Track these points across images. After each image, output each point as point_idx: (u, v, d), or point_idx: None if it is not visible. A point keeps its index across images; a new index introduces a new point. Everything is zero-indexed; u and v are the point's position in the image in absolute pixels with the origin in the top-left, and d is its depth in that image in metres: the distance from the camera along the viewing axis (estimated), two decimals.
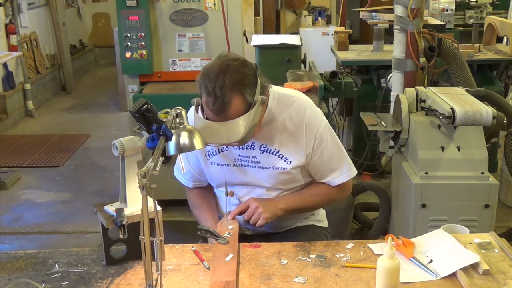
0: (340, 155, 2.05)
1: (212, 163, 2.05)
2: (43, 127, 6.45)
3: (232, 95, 1.75)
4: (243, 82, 1.77)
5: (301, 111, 1.98)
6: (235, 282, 1.65)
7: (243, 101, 1.77)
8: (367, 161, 4.41)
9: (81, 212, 4.20)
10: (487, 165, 2.80)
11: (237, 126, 1.76)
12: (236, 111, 1.77)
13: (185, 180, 2.17)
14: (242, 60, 1.83)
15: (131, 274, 1.73)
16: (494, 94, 3.27)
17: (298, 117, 1.97)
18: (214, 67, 1.77)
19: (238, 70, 1.77)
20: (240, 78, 1.76)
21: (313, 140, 1.97)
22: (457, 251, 1.76)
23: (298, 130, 1.97)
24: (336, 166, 2.04)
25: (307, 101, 2.03)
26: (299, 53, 4.84)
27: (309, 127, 1.97)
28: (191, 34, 4.08)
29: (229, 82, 1.74)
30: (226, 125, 1.77)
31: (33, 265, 1.80)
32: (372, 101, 4.42)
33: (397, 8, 3.54)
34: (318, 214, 2.24)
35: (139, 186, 1.45)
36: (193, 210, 2.17)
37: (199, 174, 2.13)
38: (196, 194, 2.18)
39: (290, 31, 8.12)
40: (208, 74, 1.76)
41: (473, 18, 6.93)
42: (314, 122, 1.99)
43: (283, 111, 1.97)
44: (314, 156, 1.99)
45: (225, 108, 1.75)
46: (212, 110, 1.77)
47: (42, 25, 7.66)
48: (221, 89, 1.73)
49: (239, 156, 2.00)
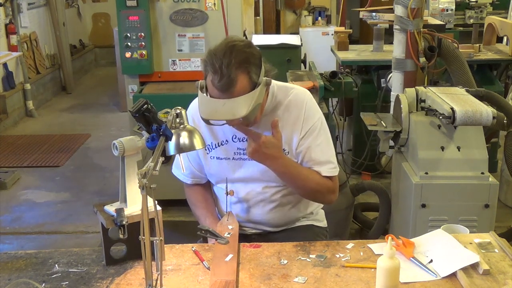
0: (328, 150, 2.04)
1: (212, 157, 2.06)
2: (43, 127, 6.45)
3: (238, 73, 1.77)
4: (249, 60, 1.80)
5: (300, 102, 2.01)
6: (235, 282, 1.65)
7: (249, 80, 1.80)
8: (367, 161, 4.41)
9: (81, 212, 4.20)
10: (487, 165, 2.80)
11: (242, 103, 1.78)
12: (242, 88, 1.78)
13: (184, 176, 2.17)
14: (247, 41, 1.89)
15: (131, 274, 1.73)
16: (494, 94, 3.27)
17: (297, 108, 1.99)
18: (221, 47, 1.81)
19: (244, 50, 1.81)
20: (246, 57, 1.80)
21: (306, 129, 1.99)
22: (457, 251, 1.76)
23: (296, 121, 1.99)
24: (322, 158, 2.02)
25: (305, 93, 2.07)
26: (299, 53, 4.84)
27: (306, 117, 1.99)
28: (191, 34, 4.08)
29: (235, 60, 1.77)
30: (231, 102, 1.78)
31: (33, 265, 1.80)
32: (372, 101, 4.42)
33: (397, 8, 3.54)
34: (317, 214, 2.24)
35: (139, 186, 1.45)
36: (192, 207, 2.18)
37: (199, 170, 2.13)
38: (195, 192, 2.18)
39: (290, 31, 8.13)
40: (215, 53, 1.79)
41: (473, 18, 6.93)
42: (312, 113, 2.01)
43: (282, 103, 2.00)
44: (304, 143, 1.99)
45: (231, 85, 1.77)
46: (218, 87, 1.78)
47: (42, 25, 7.66)
48: (227, 66, 1.76)
49: (239, 149, 2.02)
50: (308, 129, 1.99)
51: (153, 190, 1.47)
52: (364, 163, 4.43)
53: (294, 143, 2.00)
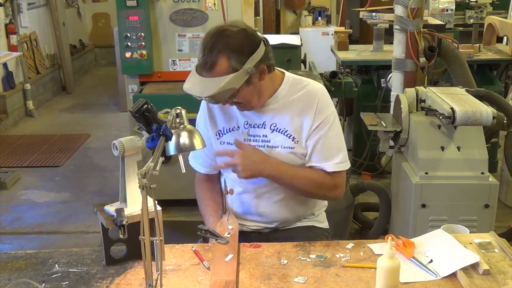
0: (340, 143, 2.07)
1: (222, 142, 2.08)
2: (43, 127, 6.45)
3: (218, 56, 1.83)
4: (233, 48, 1.84)
5: (314, 94, 2.03)
6: (235, 282, 1.65)
7: (228, 66, 1.84)
8: (367, 161, 4.42)
9: (81, 212, 4.21)
10: (487, 165, 2.80)
11: (213, 84, 1.83)
12: (220, 72, 1.84)
13: (198, 165, 2.19)
14: (242, 29, 1.90)
15: (131, 274, 1.73)
16: (494, 94, 3.27)
17: (311, 100, 2.02)
18: (213, 29, 1.89)
19: (233, 36, 1.86)
20: (231, 43, 1.85)
21: (319, 121, 2.01)
22: (457, 251, 1.76)
23: (309, 111, 2.01)
24: (334, 153, 2.04)
25: (320, 86, 2.09)
26: (299, 53, 4.84)
27: (319, 109, 2.01)
28: (191, 34, 4.07)
29: (219, 45, 1.83)
30: (205, 80, 1.86)
31: (33, 265, 1.80)
32: (372, 101, 4.42)
33: (397, 8, 3.54)
34: (319, 215, 2.24)
35: (139, 186, 1.45)
36: (199, 204, 2.20)
37: (211, 158, 2.15)
38: (204, 188, 2.20)
39: (290, 31, 8.12)
40: (207, 35, 1.88)
41: (473, 18, 6.94)
42: (326, 105, 2.03)
43: (296, 92, 2.03)
44: (315, 135, 2.01)
45: (211, 66, 1.84)
46: (199, 65, 1.88)
47: (42, 25, 7.66)
48: (210, 48, 1.83)
49: (249, 136, 2.04)
50: (321, 121, 2.01)
51: (153, 190, 1.47)
52: (364, 163, 4.43)
53: (304, 132, 2.01)
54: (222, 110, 2.08)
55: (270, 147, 2.02)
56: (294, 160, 2.03)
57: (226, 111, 2.07)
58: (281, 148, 2.02)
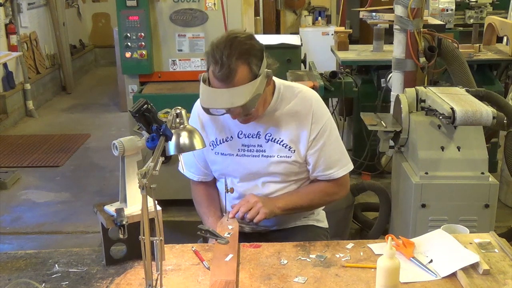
0: (340, 148, 2.09)
1: (216, 152, 2.07)
2: (43, 127, 6.44)
3: (238, 63, 1.80)
4: (250, 52, 1.83)
5: (308, 102, 2.03)
6: (235, 282, 1.65)
7: (249, 70, 1.82)
8: (367, 161, 4.41)
9: (81, 212, 4.20)
10: (487, 165, 2.80)
11: (241, 92, 1.81)
12: (242, 78, 1.81)
13: (191, 173, 2.19)
14: (249, 34, 1.91)
15: (131, 274, 1.73)
16: (494, 94, 3.27)
17: (305, 108, 2.01)
18: (222, 39, 1.85)
19: (245, 42, 1.85)
20: (246, 48, 1.83)
21: (317, 130, 2.01)
22: (457, 251, 1.76)
23: (304, 120, 2.00)
24: (337, 158, 2.06)
25: (313, 93, 2.09)
26: (299, 53, 4.84)
27: (315, 118, 2.01)
28: (191, 34, 4.07)
29: (235, 51, 1.80)
30: (231, 91, 1.82)
31: (33, 265, 1.80)
32: (372, 101, 4.42)
33: (397, 8, 3.54)
34: (318, 214, 2.25)
35: (139, 186, 1.45)
36: (197, 206, 2.19)
37: (204, 167, 2.15)
38: (201, 191, 2.19)
39: (290, 31, 8.12)
40: (217, 45, 1.83)
41: (473, 18, 6.94)
42: (321, 113, 2.03)
43: (289, 101, 2.02)
44: (316, 144, 2.01)
45: (231, 74, 1.80)
46: (218, 76, 1.81)
47: (42, 25, 7.66)
48: (228, 57, 1.79)
49: (243, 146, 2.03)
50: (319, 130, 2.01)
51: (153, 190, 1.47)
52: (364, 163, 4.43)
53: (302, 142, 2.01)
54: (213, 121, 2.05)
55: (266, 156, 2.01)
56: (291, 169, 2.03)
57: (217, 122, 2.05)
58: (277, 157, 2.01)
